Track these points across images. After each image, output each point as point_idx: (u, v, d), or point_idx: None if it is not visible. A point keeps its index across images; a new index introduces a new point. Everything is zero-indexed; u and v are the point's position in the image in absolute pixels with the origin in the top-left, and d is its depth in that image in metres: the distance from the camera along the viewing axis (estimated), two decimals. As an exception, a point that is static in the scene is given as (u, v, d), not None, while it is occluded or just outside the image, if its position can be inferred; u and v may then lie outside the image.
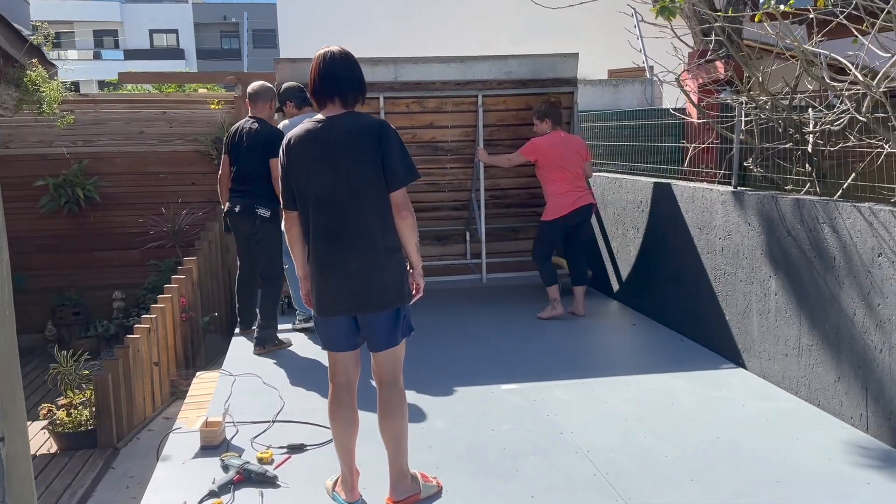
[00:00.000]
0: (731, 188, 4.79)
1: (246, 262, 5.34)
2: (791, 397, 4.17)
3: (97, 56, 44.41)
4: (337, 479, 3.19)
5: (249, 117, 5.17)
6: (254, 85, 5.24)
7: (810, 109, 4.59)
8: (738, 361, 4.71)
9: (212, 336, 6.13)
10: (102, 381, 4.82)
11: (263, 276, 5.26)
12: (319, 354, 5.06)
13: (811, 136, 4.52)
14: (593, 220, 6.94)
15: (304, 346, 5.37)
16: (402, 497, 3.04)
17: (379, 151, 2.86)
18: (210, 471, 3.44)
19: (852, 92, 3.76)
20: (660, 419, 3.93)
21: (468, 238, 7.15)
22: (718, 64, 6.05)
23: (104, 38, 46.66)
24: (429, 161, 6.48)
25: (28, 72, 5.32)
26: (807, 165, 4.58)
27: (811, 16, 4.01)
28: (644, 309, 6.00)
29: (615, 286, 6.54)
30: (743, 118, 4.92)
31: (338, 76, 2.90)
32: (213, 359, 5.98)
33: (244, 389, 4.55)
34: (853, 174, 4.13)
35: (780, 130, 4.75)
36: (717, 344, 4.95)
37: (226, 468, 3.39)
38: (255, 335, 5.22)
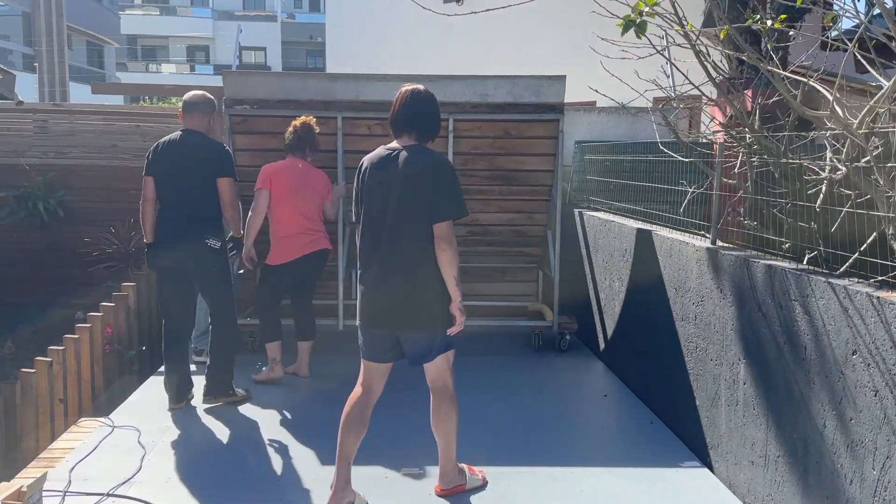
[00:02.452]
0: (707, 244, 3.89)
1: (174, 313, 4.39)
2: (753, 520, 3.24)
3: (192, 69, 45.77)
4: None
5: (182, 130, 4.34)
6: (191, 94, 4.40)
7: (828, 152, 3.65)
8: (704, 459, 3.79)
9: (144, 372, 5.59)
10: (-30, 422, 4.34)
11: (217, 317, 4.41)
12: (243, 419, 4.41)
13: (824, 183, 3.57)
14: (585, 265, 6.08)
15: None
16: (449, 486, 3.37)
17: (429, 185, 3.07)
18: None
19: (833, 133, 2.87)
20: (568, 538, 3.08)
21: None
22: (748, 93, 5.13)
23: (196, 53, 48.23)
24: (395, 190, 5.79)
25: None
26: (812, 223, 3.63)
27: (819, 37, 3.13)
28: (624, 375, 5.10)
29: (601, 344, 5.65)
30: (740, 159, 4.03)
31: (417, 113, 3.20)
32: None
33: (112, 445, 3.96)
34: (872, 238, 3.18)
35: (775, 176, 3.83)
36: (687, 433, 4.03)
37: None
38: (207, 381, 4.43)
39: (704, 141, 4.65)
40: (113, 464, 3.72)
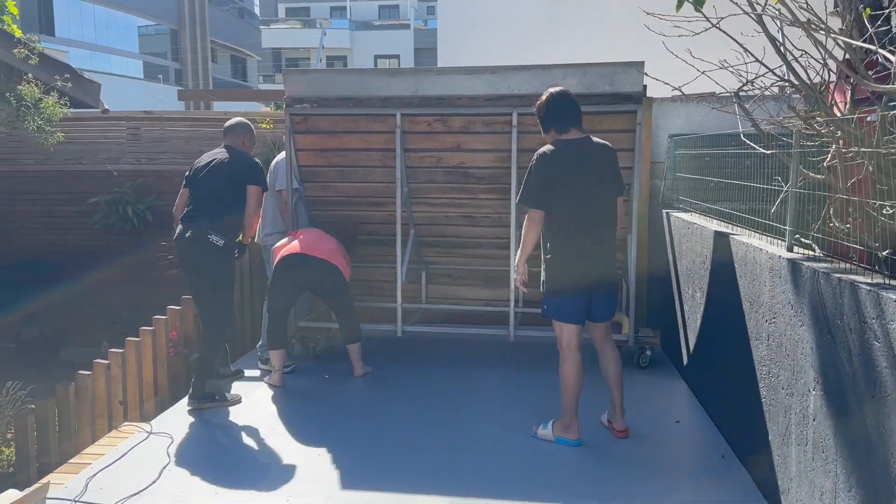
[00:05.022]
0: (781, 251, 3.29)
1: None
2: (819, 589, 2.64)
3: (332, 79, 47.41)
4: (553, 425, 3.92)
5: (223, 146, 4.70)
6: (232, 119, 4.86)
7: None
8: (775, 505, 3.19)
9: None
10: (22, 423, 4.41)
11: (205, 316, 4.63)
12: (277, 432, 4.28)
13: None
14: (671, 272, 5.48)
15: (262, 407, 4.60)
16: (624, 427, 3.97)
17: (615, 167, 3.86)
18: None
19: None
20: None
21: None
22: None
23: (334, 63, 49.98)
24: (459, 190, 5.46)
25: (18, 88, 5.12)
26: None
27: None
28: (704, 398, 4.50)
29: (685, 359, 5.04)
30: (834, 149, 3.39)
31: (576, 110, 3.78)
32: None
33: (141, 453, 3.91)
34: None
35: (870, 169, 3.17)
36: (758, 471, 3.44)
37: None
38: (191, 385, 4.53)
39: (784, 130, 3.98)
40: (134, 472, 3.65)
